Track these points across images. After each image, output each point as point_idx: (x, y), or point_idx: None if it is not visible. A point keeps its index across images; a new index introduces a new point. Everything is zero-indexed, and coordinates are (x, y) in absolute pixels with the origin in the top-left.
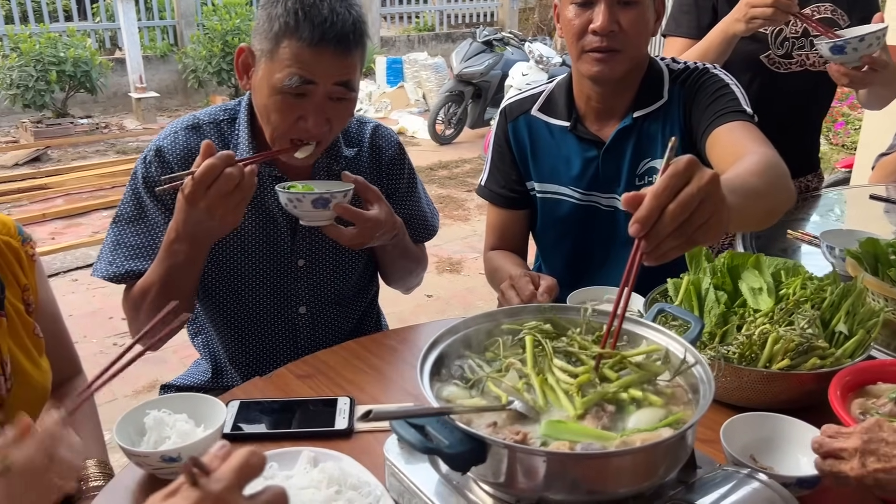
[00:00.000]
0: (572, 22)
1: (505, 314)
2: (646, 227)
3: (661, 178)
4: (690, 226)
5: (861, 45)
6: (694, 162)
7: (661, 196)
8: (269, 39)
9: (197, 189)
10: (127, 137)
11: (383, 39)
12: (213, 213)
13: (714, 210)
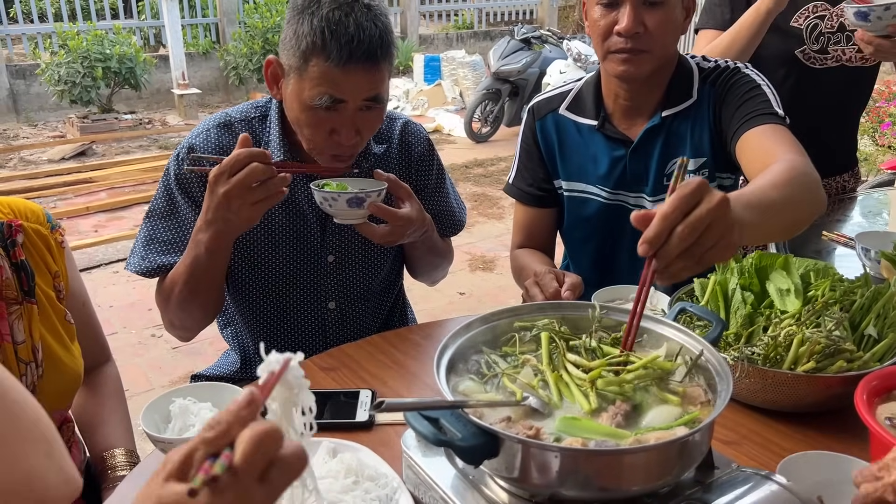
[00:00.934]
0: (598, 23)
1: (522, 311)
2: (654, 247)
3: (670, 199)
4: (699, 248)
5: (886, 15)
6: (704, 185)
7: (669, 218)
8: (297, 57)
9: (220, 175)
10: (169, 133)
11: (422, 37)
12: (231, 203)
13: (723, 233)
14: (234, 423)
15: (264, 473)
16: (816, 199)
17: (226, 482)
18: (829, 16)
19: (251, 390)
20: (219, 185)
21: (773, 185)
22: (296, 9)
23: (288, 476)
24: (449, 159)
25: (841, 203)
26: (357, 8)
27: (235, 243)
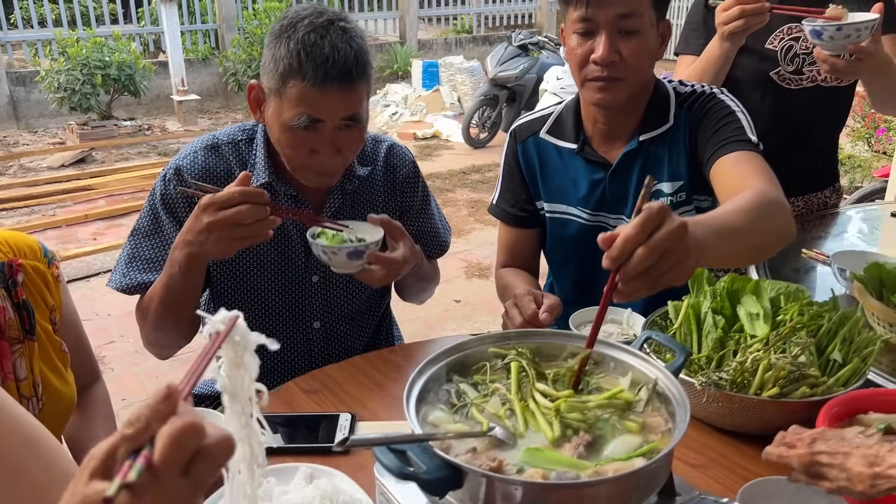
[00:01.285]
0: (575, 51)
1: (494, 339)
2: (616, 264)
3: (634, 222)
4: (657, 270)
5: (838, 35)
6: (666, 209)
7: (631, 239)
8: (276, 79)
9: (210, 204)
10: (169, 139)
11: (420, 42)
12: (211, 233)
13: (680, 258)
14: (152, 419)
15: (188, 467)
16: (783, 228)
17: (144, 483)
18: (803, 37)
19: (168, 383)
20: (205, 214)
21: (738, 210)
22: (273, 34)
23: (214, 467)
24: (447, 165)
25: (822, 219)
26: (332, 30)
27: (221, 263)
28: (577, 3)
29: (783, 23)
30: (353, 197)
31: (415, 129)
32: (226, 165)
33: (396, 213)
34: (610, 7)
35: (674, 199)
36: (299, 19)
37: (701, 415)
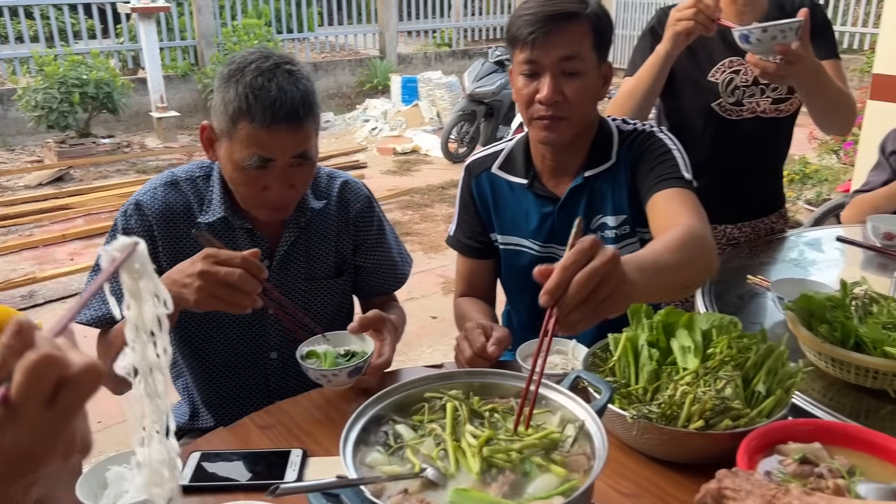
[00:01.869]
0: (521, 91)
1: (436, 379)
2: (554, 296)
3: (568, 254)
4: (595, 299)
5: (765, 37)
6: (597, 241)
7: (567, 270)
8: (226, 121)
9: (210, 255)
10: (148, 156)
11: (400, 56)
12: (200, 278)
13: (615, 286)
14: (7, 356)
15: (52, 398)
16: (707, 264)
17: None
18: (743, 70)
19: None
20: (202, 262)
21: (666, 248)
22: (222, 78)
23: (79, 395)
24: (426, 180)
25: (769, 245)
26: (279, 73)
27: None
28: (522, 45)
29: (724, 56)
30: (308, 230)
31: (394, 144)
32: (184, 201)
33: (350, 247)
34: (553, 50)
35: (618, 231)
36: (247, 64)
37: (635, 445)
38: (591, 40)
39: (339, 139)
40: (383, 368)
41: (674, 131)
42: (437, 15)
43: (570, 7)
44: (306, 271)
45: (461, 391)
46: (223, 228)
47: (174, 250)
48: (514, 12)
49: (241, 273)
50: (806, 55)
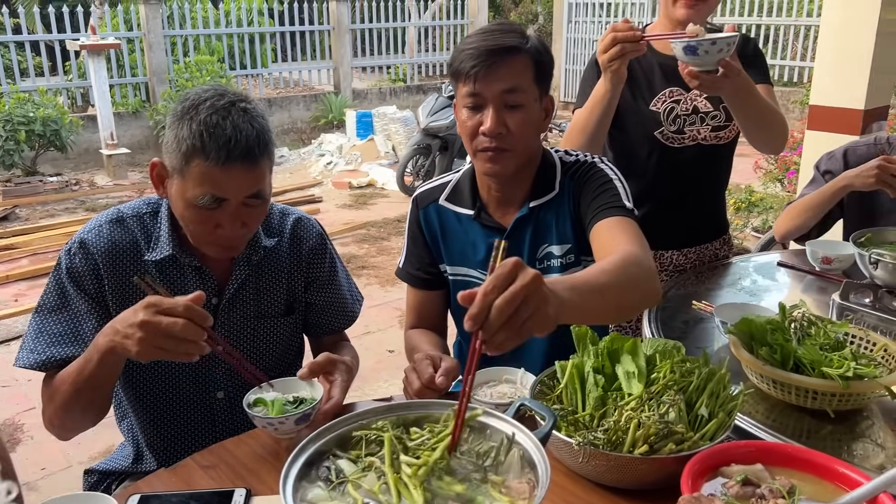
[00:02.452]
0: (465, 123)
1: (378, 413)
2: (477, 322)
3: (489, 278)
4: (518, 319)
5: (713, 49)
6: (518, 263)
7: (489, 294)
8: (179, 158)
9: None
10: (97, 194)
11: (355, 91)
12: (141, 329)
13: (538, 305)
14: None
15: None
16: (646, 289)
17: None
18: (683, 100)
19: None
20: (144, 312)
21: (602, 270)
22: (176, 115)
23: None
24: (382, 213)
25: (714, 270)
26: (234, 111)
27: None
28: (465, 79)
29: (664, 87)
30: (259, 268)
31: (350, 178)
32: (131, 238)
33: (302, 284)
34: (496, 83)
35: (564, 260)
36: (201, 101)
37: (582, 472)
38: (531, 73)
39: (294, 174)
40: (334, 412)
41: (618, 160)
42: (392, 51)
43: (511, 42)
44: (256, 310)
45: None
46: (171, 266)
47: (121, 289)
48: (457, 47)
49: (185, 323)
50: (740, 68)
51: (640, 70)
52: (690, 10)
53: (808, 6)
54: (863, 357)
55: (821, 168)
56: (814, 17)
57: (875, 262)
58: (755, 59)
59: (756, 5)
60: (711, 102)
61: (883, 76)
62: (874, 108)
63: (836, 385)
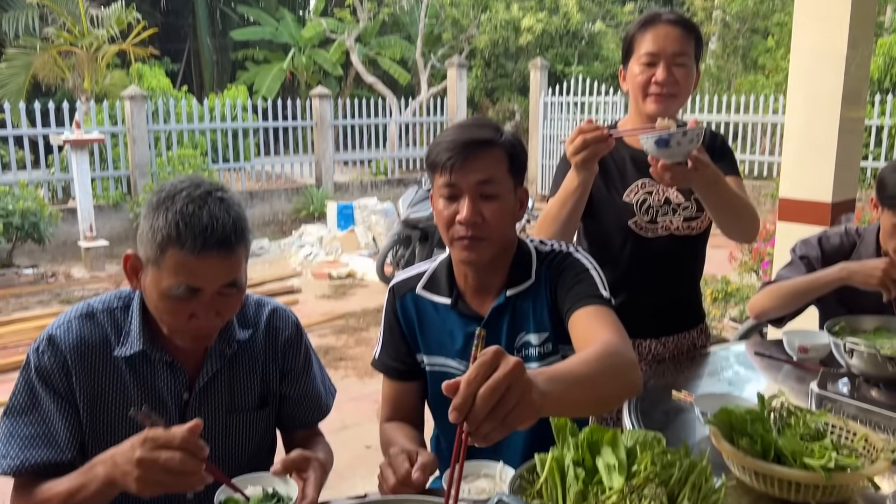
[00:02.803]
0: (442, 213)
1: None
2: (462, 412)
3: (471, 368)
4: (503, 408)
5: (684, 140)
6: (500, 352)
7: (472, 384)
8: (154, 249)
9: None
10: (73, 286)
11: (337, 185)
12: (139, 466)
13: (522, 394)
14: None
15: None
16: (626, 379)
17: None
18: (656, 191)
19: None
20: (141, 448)
21: (582, 361)
22: (151, 205)
23: None
24: (361, 304)
25: (693, 360)
26: (210, 200)
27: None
28: (442, 170)
29: (637, 178)
30: (232, 361)
31: (330, 269)
32: (101, 333)
33: (276, 376)
34: (471, 174)
35: (541, 349)
36: (177, 191)
37: None
38: (506, 165)
39: (273, 265)
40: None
41: (593, 249)
42: (374, 146)
43: (486, 135)
44: (228, 404)
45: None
46: (141, 362)
47: (91, 386)
48: (434, 141)
49: (182, 457)
50: (708, 161)
51: (613, 163)
52: (660, 106)
53: (774, 105)
54: (844, 448)
55: (798, 253)
56: (779, 114)
57: (850, 351)
58: (723, 153)
59: (724, 104)
60: (682, 194)
61: (847, 171)
62: (841, 202)
63: (818, 477)
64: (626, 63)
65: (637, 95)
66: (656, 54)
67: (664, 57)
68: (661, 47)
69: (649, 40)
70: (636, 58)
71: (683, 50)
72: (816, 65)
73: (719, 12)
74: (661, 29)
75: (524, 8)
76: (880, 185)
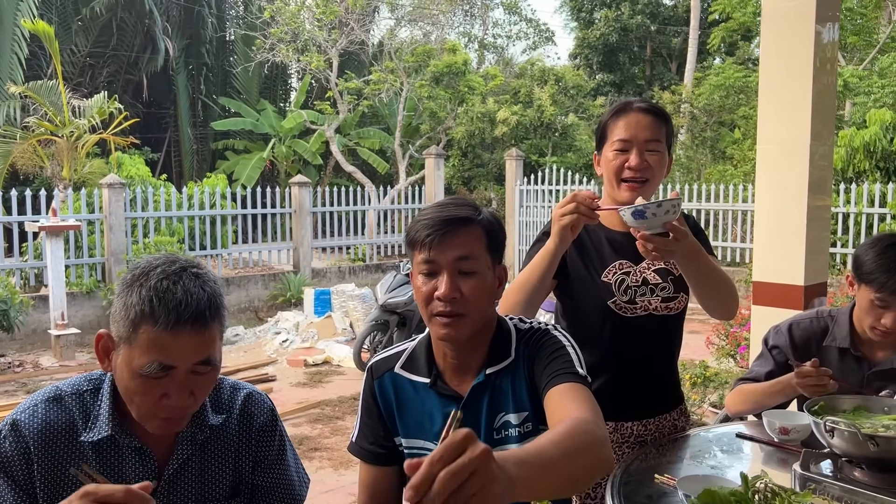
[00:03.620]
0: (421, 289)
1: None
2: (419, 493)
3: (437, 448)
4: (462, 495)
5: (659, 211)
6: (470, 436)
7: (435, 465)
8: (127, 326)
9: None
10: (41, 376)
11: (314, 271)
12: None
13: (485, 482)
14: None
15: None
16: (597, 457)
17: None
18: (633, 272)
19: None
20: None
21: (551, 442)
22: (125, 283)
23: None
24: (337, 391)
25: (674, 442)
26: (185, 276)
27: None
28: (421, 247)
29: (614, 259)
30: (204, 447)
31: (305, 356)
32: (68, 417)
33: (249, 464)
34: (449, 250)
35: (521, 429)
36: (152, 268)
37: None
38: (484, 243)
39: (248, 352)
40: None
41: (572, 329)
42: (352, 232)
43: (464, 213)
44: (199, 493)
45: None
46: (109, 448)
47: (52, 475)
48: (414, 219)
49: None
50: (687, 230)
51: (591, 243)
52: (634, 194)
53: (743, 193)
54: None
55: (769, 343)
56: (749, 202)
57: (831, 430)
58: (696, 232)
59: (695, 192)
60: (659, 275)
61: (817, 256)
62: (813, 285)
63: None
64: (600, 149)
65: (611, 180)
66: (629, 140)
67: (636, 143)
68: (633, 134)
69: (622, 127)
70: (609, 144)
71: (655, 136)
72: (782, 155)
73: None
74: (633, 116)
75: (500, 101)
76: (856, 263)
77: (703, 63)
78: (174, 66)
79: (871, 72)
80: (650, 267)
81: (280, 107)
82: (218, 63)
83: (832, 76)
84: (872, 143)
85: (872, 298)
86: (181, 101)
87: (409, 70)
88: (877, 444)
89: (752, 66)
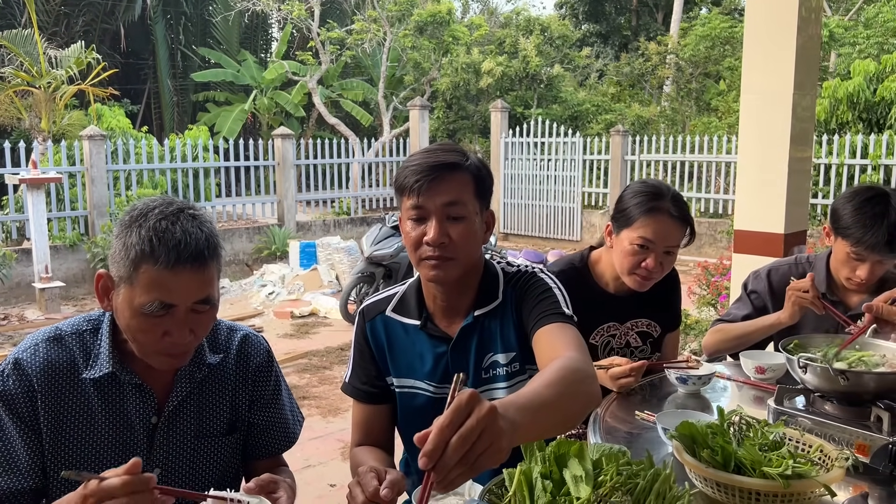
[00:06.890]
0: (410, 234)
1: None
2: (433, 460)
3: (445, 413)
4: (472, 454)
5: (699, 382)
6: (474, 396)
7: (445, 431)
8: (127, 266)
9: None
10: (27, 328)
11: (299, 224)
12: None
13: (493, 439)
14: None
15: None
16: (588, 393)
17: None
18: (618, 334)
19: None
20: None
21: (545, 384)
22: (123, 224)
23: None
24: (324, 342)
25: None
26: (182, 217)
27: (55, 452)
28: (409, 193)
29: (601, 323)
30: (202, 385)
31: (292, 308)
32: (69, 357)
33: (246, 402)
34: (438, 196)
35: (509, 369)
36: (150, 209)
37: None
38: (472, 188)
39: (234, 305)
40: None
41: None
42: (336, 186)
43: (452, 159)
44: (197, 428)
45: None
46: (110, 384)
47: (55, 410)
48: (401, 165)
49: (128, 501)
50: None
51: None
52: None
53: (727, 145)
54: (800, 457)
55: (748, 287)
56: (733, 154)
57: (804, 366)
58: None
59: (679, 145)
60: (641, 338)
61: (798, 206)
62: (794, 233)
63: (776, 485)
64: (618, 225)
65: (622, 267)
66: (653, 242)
67: (658, 248)
68: (659, 239)
69: (650, 228)
70: (631, 232)
71: (676, 242)
72: (765, 107)
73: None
74: (663, 222)
75: (484, 52)
76: (834, 215)
77: (690, 13)
78: (152, 14)
79: (856, 22)
80: (634, 328)
81: (261, 57)
82: (197, 12)
83: (817, 26)
84: (856, 94)
85: (848, 251)
86: (160, 52)
87: (392, 19)
88: (847, 379)
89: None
